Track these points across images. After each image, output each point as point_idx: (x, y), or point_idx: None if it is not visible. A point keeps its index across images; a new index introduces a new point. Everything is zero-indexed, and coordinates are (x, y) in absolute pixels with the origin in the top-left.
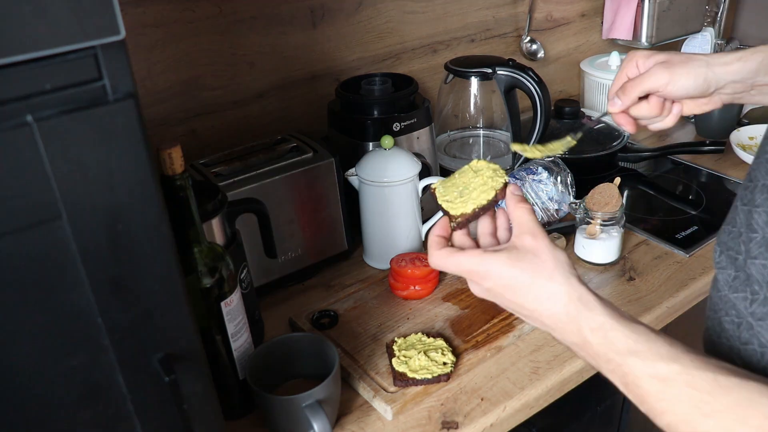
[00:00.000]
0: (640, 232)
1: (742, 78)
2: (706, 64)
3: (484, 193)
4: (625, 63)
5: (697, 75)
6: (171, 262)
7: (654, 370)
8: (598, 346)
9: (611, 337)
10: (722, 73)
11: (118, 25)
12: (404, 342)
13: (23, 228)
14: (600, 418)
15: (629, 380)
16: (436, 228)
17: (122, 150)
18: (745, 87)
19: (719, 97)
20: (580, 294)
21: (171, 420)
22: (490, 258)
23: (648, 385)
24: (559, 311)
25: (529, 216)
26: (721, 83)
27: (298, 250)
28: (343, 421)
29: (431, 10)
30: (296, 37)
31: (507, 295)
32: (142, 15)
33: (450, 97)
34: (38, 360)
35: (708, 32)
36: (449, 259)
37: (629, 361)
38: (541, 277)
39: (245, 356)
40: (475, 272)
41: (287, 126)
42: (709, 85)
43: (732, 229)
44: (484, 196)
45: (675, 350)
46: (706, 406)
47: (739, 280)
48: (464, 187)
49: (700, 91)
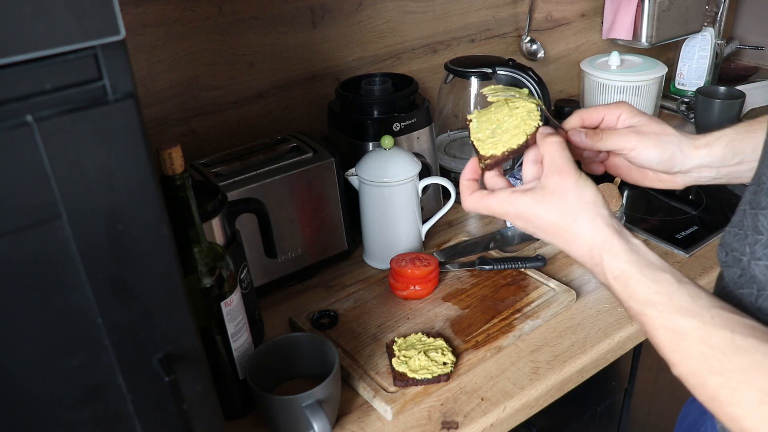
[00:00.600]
0: (640, 232)
1: (708, 163)
2: (677, 144)
3: (516, 137)
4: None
5: (663, 150)
6: (171, 262)
7: (671, 323)
8: (620, 293)
9: (632, 286)
10: (690, 157)
11: (118, 25)
12: (404, 342)
13: (23, 228)
14: (600, 418)
15: (647, 329)
16: (466, 171)
17: (122, 150)
18: (711, 172)
19: (682, 178)
20: (605, 238)
21: (171, 420)
22: (518, 200)
23: (663, 337)
24: (584, 254)
25: (558, 152)
26: (686, 166)
27: (298, 250)
28: (343, 421)
29: (431, 10)
30: (296, 37)
31: (543, 234)
32: (142, 15)
33: (450, 97)
34: (38, 360)
35: (708, 32)
36: (480, 203)
37: (647, 311)
38: (567, 218)
39: (245, 356)
40: (506, 213)
41: (287, 126)
42: (675, 164)
43: (738, 231)
44: (515, 140)
45: (696, 304)
46: (716, 364)
47: (745, 278)
48: (497, 126)
49: (664, 167)
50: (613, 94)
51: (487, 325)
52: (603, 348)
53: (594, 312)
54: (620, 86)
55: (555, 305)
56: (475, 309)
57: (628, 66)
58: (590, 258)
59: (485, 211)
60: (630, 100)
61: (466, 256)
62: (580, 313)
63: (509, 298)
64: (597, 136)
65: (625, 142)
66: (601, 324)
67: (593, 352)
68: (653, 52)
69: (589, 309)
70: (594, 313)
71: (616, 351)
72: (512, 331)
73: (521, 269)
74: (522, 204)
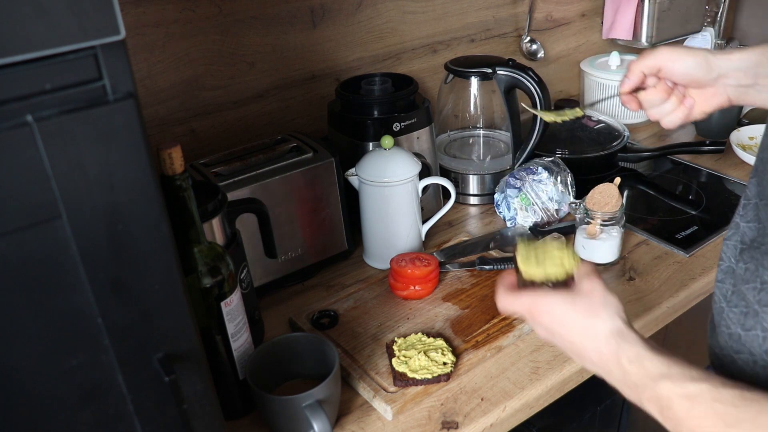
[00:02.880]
0: (640, 232)
1: (745, 66)
2: (709, 52)
3: (556, 269)
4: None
5: (697, 54)
6: (171, 262)
7: (684, 390)
8: (636, 375)
9: (647, 366)
10: (725, 60)
11: (118, 25)
12: (404, 342)
13: (23, 228)
14: (600, 418)
15: (663, 404)
16: (504, 279)
17: (122, 150)
18: (749, 78)
19: (725, 88)
20: (620, 328)
21: (171, 420)
22: (549, 296)
23: (678, 406)
24: (601, 345)
25: (588, 267)
26: (724, 70)
27: (298, 250)
28: (343, 421)
29: (431, 10)
30: (296, 37)
31: (560, 331)
32: (142, 15)
33: (450, 97)
34: (38, 360)
35: (708, 32)
36: (514, 298)
37: (662, 384)
38: (589, 314)
39: (245, 356)
40: (536, 306)
41: (287, 126)
42: (711, 67)
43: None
44: (555, 273)
45: (705, 374)
46: (730, 417)
47: (750, 271)
48: (543, 254)
49: (704, 71)
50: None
51: (487, 325)
52: None
53: None
54: None
55: None
56: (475, 309)
57: (628, 66)
58: (606, 346)
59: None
60: None
61: (466, 256)
62: None
63: None
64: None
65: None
66: None
67: None
68: None
69: None
70: None
71: None
72: (512, 331)
73: None
74: (552, 299)
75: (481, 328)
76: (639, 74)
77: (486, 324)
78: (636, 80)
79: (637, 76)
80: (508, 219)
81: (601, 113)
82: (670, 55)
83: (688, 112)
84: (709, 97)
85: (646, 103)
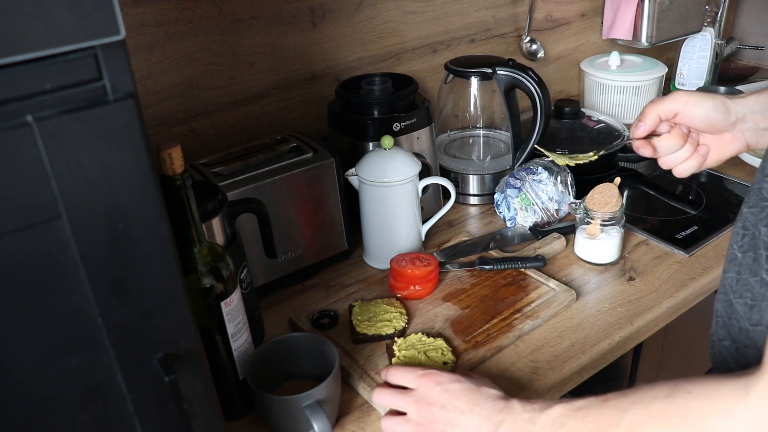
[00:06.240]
0: (640, 232)
1: (760, 108)
2: (723, 97)
3: (386, 327)
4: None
5: (715, 99)
6: (171, 262)
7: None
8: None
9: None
10: (740, 104)
11: (118, 25)
12: (404, 342)
13: (23, 228)
14: None
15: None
16: None
17: (122, 150)
18: (766, 121)
19: (742, 133)
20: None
21: (171, 420)
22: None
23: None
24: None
25: None
26: (741, 113)
27: (298, 250)
28: (343, 421)
29: (431, 10)
30: (296, 37)
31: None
32: (142, 15)
33: (450, 97)
34: (38, 360)
35: (708, 32)
36: (400, 371)
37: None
38: (480, 388)
39: (245, 356)
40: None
41: (287, 126)
42: (729, 111)
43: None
44: (386, 329)
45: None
46: None
47: (758, 263)
48: (374, 315)
49: (723, 115)
50: (613, 94)
51: (487, 325)
52: (603, 348)
53: (594, 312)
54: (620, 86)
55: (555, 305)
56: (475, 309)
57: (628, 66)
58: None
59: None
60: (630, 100)
61: (466, 256)
62: (580, 313)
63: (509, 298)
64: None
65: (676, 99)
66: (601, 324)
67: (593, 352)
68: (653, 52)
69: (589, 309)
70: (594, 313)
71: (616, 351)
72: (512, 331)
73: (521, 269)
74: (446, 375)
75: (481, 328)
76: (655, 118)
77: (486, 324)
78: (652, 124)
79: (653, 120)
80: (508, 219)
81: (601, 113)
82: (688, 99)
83: (702, 160)
84: (725, 143)
85: (660, 150)
